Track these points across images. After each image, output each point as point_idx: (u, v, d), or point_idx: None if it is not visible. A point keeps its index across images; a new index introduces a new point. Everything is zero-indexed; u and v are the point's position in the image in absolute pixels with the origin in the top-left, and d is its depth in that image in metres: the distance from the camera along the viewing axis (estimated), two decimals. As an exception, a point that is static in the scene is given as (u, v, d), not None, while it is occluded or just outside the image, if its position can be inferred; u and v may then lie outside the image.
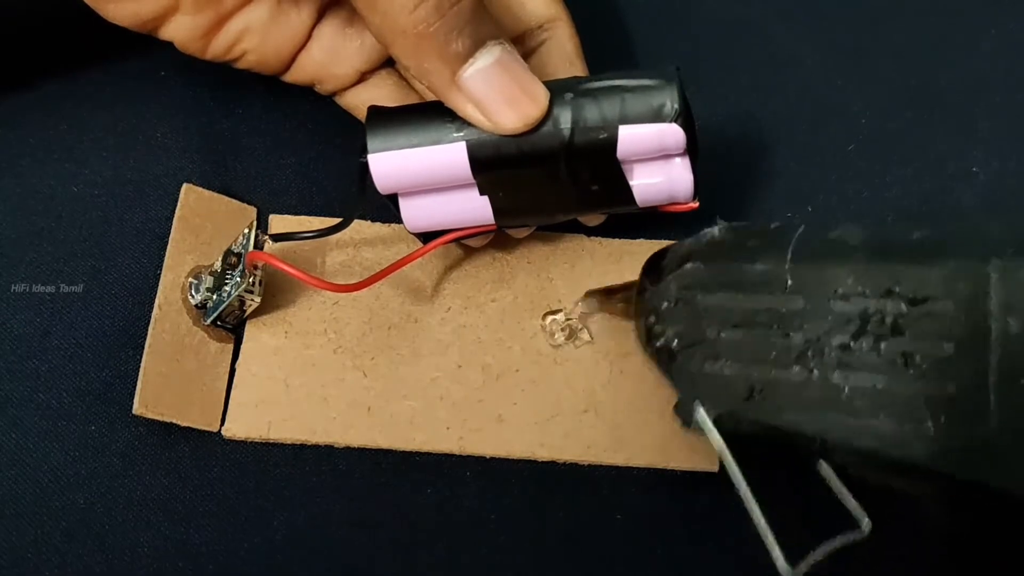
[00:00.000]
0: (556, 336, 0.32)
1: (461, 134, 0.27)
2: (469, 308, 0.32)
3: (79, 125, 0.34)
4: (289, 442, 0.30)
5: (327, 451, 0.30)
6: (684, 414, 0.26)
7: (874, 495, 0.25)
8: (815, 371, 0.23)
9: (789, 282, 0.24)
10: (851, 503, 0.25)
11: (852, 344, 0.23)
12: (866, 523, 0.25)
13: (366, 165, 0.28)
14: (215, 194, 0.33)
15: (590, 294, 0.31)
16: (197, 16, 0.30)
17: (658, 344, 0.26)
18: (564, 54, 0.31)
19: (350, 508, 0.30)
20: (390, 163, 0.27)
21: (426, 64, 0.26)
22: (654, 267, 0.27)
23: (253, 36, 0.31)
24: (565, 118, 0.27)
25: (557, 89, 0.27)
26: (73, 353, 0.31)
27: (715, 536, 0.30)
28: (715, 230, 0.27)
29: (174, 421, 0.29)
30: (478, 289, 0.32)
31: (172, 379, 0.30)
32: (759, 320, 0.24)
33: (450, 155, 0.27)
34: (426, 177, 0.28)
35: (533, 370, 0.31)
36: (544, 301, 0.32)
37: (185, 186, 0.32)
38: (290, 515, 0.30)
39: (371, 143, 0.28)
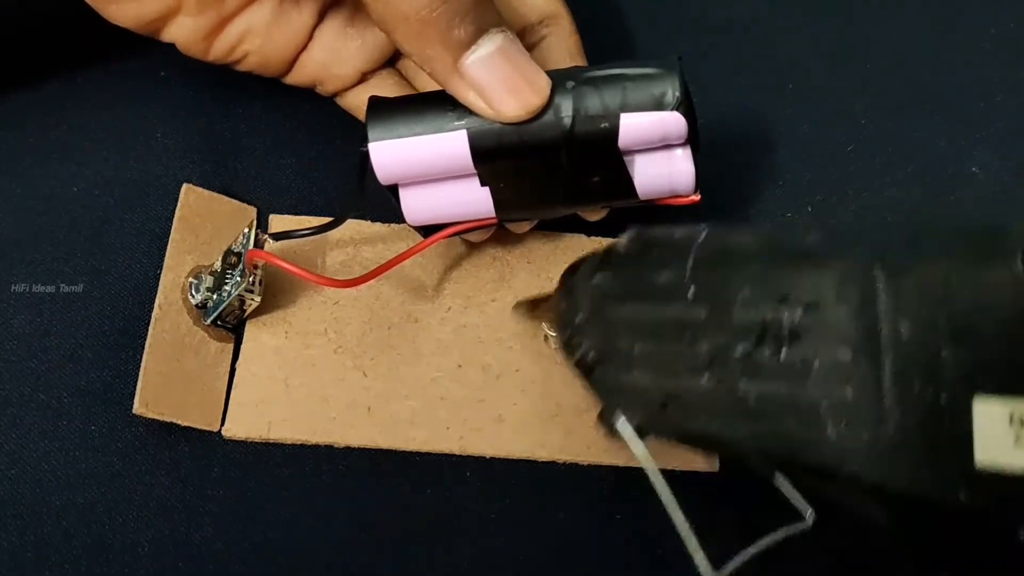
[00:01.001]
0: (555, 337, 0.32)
1: (462, 123, 0.27)
2: (470, 308, 0.32)
3: (79, 125, 0.34)
4: (289, 442, 0.30)
5: (327, 451, 0.30)
6: (607, 423, 0.26)
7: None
8: (722, 380, 0.23)
9: (691, 291, 0.24)
10: (794, 496, 0.25)
11: (754, 352, 0.23)
12: (810, 514, 0.25)
13: (367, 154, 0.28)
14: (215, 194, 0.33)
15: (518, 305, 0.31)
16: (199, 17, 0.30)
17: (576, 357, 0.26)
18: (565, 50, 0.31)
19: (350, 508, 0.30)
20: (391, 152, 0.27)
21: (428, 50, 0.26)
22: (569, 279, 0.27)
23: (255, 37, 0.31)
24: (566, 107, 0.27)
25: (558, 78, 0.27)
26: (73, 353, 0.31)
27: (715, 536, 0.30)
28: (623, 239, 0.26)
29: (174, 421, 0.29)
30: (478, 289, 0.32)
31: (172, 379, 0.30)
32: (666, 331, 0.24)
33: (451, 143, 0.27)
34: (427, 166, 0.28)
35: (533, 370, 0.31)
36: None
37: (185, 186, 0.32)
38: (290, 515, 0.30)
39: (372, 132, 0.27)
